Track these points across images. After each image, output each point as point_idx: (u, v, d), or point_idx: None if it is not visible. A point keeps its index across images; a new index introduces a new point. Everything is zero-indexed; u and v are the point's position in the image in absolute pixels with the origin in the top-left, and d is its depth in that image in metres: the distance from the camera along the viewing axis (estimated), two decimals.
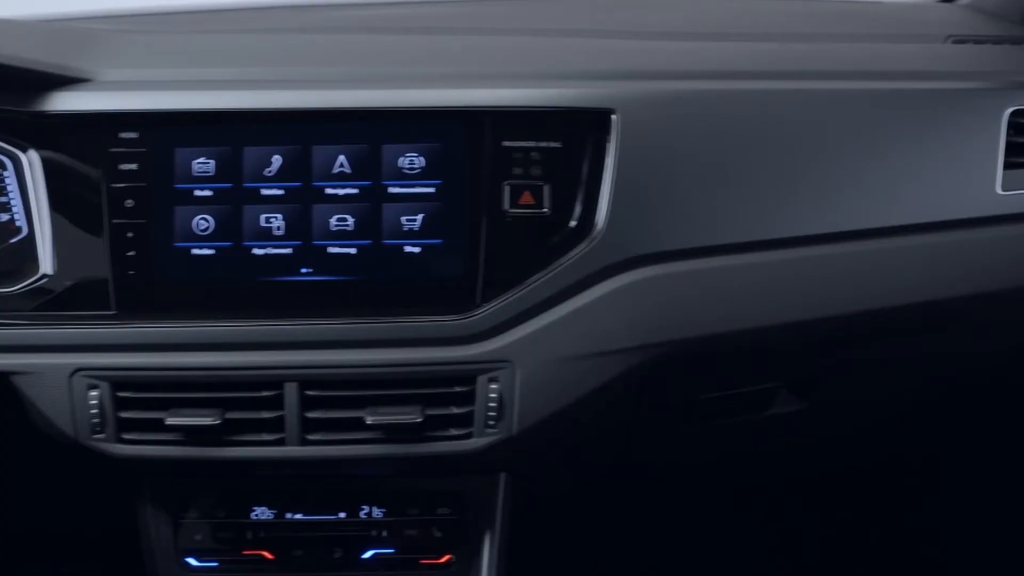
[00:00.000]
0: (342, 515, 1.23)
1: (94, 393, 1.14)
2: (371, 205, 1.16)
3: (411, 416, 1.12)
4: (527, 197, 1.15)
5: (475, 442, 1.14)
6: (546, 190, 1.15)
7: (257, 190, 1.16)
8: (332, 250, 1.16)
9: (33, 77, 1.17)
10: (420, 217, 1.15)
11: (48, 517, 1.49)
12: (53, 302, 1.17)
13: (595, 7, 1.59)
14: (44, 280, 1.18)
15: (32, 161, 1.18)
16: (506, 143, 1.15)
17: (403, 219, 1.15)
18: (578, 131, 1.16)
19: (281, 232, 1.16)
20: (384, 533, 1.23)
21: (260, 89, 1.17)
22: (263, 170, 1.16)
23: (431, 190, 1.15)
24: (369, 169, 1.16)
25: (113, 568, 1.64)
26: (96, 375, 1.14)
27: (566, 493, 1.49)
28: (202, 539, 1.23)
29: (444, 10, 1.60)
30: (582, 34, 1.34)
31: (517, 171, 1.15)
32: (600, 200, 1.15)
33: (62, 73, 1.18)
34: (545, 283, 1.14)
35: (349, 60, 1.23)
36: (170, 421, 1.12)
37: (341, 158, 1.16)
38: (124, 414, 1.15)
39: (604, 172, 1.15)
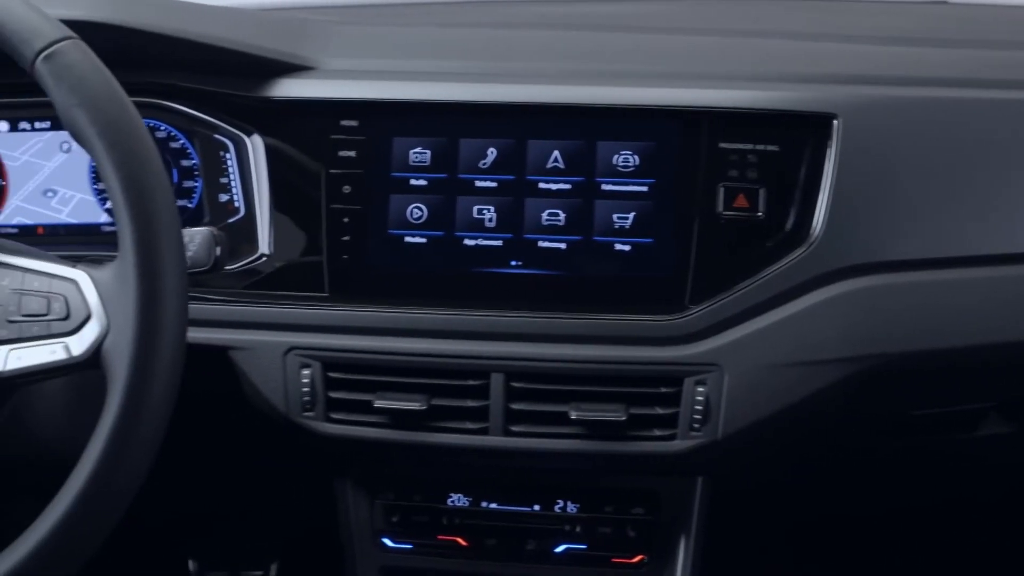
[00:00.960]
0: (536, 508, 1.24)
1: (306, 372, 1.17)
2: (583, 201, 1.16)
3: (615, 414, 1.12)
4: (741, 200, 1.14)
5: (678, 444, 1.13)
6: (761, 194, 1.13)
7: (471, 182, 1.17)
8: (542, 244, 1.16)
9: (261, 64, 1.21)
10: (632, 215, 1.15)
11: (246, 489, 1.54)
12: (270, 282, 1.21)
13: (786, 9, 1.57)
14: (262, 260, 1.22)
15: (255, 145, 1.22)
16: (723, 144, 1.14)
17: (615, 217, 1.15)
18: (798, 135, 1.14)
19: (493, 224, 1.17)
20: (577, 528, 1.23)
21: (478, 82, 1.18)
22: (478, 162, 1.17)
23: (644, 189, 1.15)
24: (583, 165, 1.16)
25: (301, 546, 1.70)
26: (309, 354, 1.18)
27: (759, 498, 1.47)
28: (398, 521, 1.25)
29: (647, 8, 1.59)
30: (792, 36, 1.31)
31: (732, 173, 1.14)
32: (817, 206, 1.13)
33: (289, 61, 1.21)
34: (757, 288, 1.12)
35: (565, 56, 1.24)
36: (378, 403, 1.15)
37: (555, 153, 1.16)
38: (334, 394, 1.17)
39: (823, 178, 1.13)
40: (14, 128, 1.32)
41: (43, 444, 1.11)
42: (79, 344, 0.91)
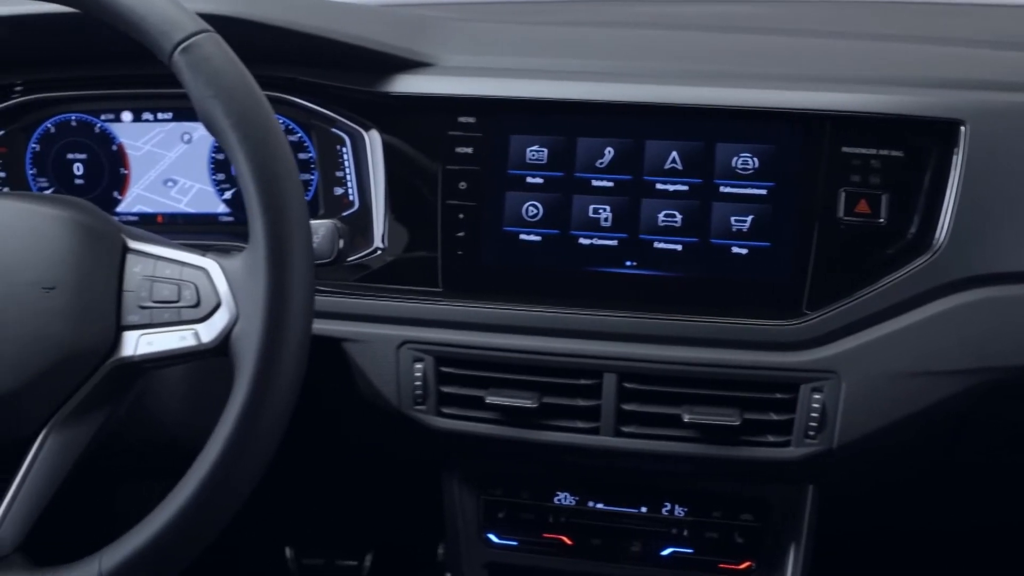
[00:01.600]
0: (643, 509, 1.23)
1: (419, 366, 1.18)
2: (701, 203, 1.15)
3: (729, 418, 1.11)
4: (863, 205, 1.12)
5: (792, 451, 1.12)
6: (884, 199, 1.11)
7: (588, 181, 1.17)
8: (658, 245, 1.16)
9: (381, 59, 1.22)
10: (750, 218, 1.14)
11: (349, 479, 1.56)
12: (383, 275, 1.22)
13: (895, 12, 1.54)
14: (377, 254, 1.23)
15: (373, 140, 1.24)
16: (845, 149, 1.12)
17: (732, 219, 1.14)
18: (923, 141, 1.12)
19: (608, 224, 1.17)
20: (684, 532, 1.22)
21: (596, 81, 1.18)
22: (595, 161, 1.17)
23: (763, 192, 1.14)
24: (701, 167, 1.15)
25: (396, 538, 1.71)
26: (422, 349, 1.19)
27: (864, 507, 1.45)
28: (504, 517, 1.26)
29: (759, 10, 1.58)
30: (911, 39, 1.29)
31: (855, 178, 1.12)
32: (941, 214, 1.11)
33: (409, 57, 1.22)
34: (877, 295, 1.11)
35: (685, 56, 1.23)
36: (490, 400, 1.15)
37: (674, 154, 1.15)
38: (445, 389, 1.18)
39: (947, 185, 1.11)
40: (137, 119, 1.35)
41: (162, 429, 1.14)
42: (209, 331, 0.92)
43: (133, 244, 0.98)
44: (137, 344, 0.94)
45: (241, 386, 0.90)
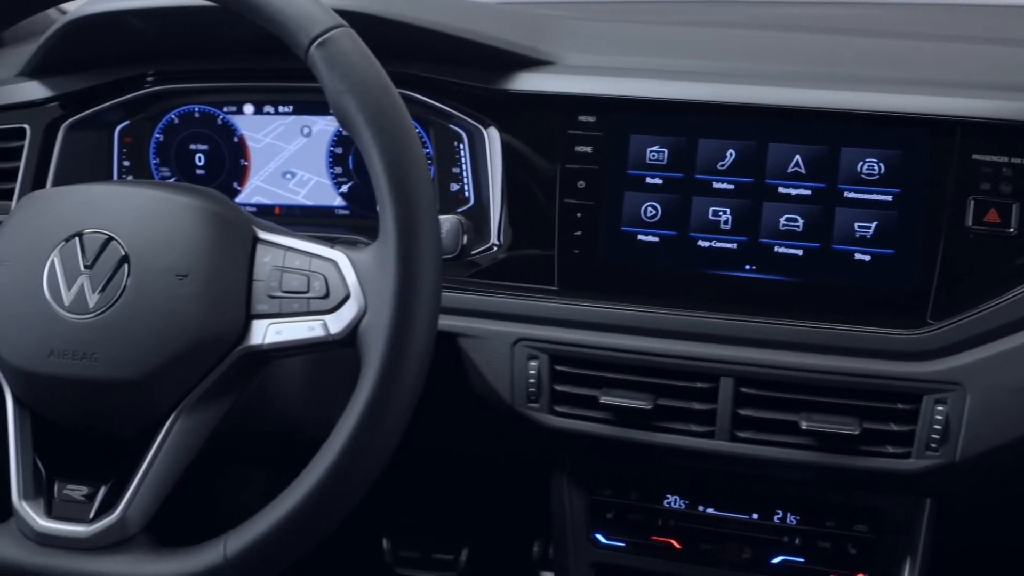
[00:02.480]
0: (754, 516, 1.22)
1: (533, 364, 1.18)
2: (823, 208, 1.13)
3: (848, 427, 1.09)
4: (993, 215, 1.09)
5: (912, 463, 1.10)
6: (1015, 209, 1.09)
7: (708, 183, 1.16)
8: (779, 250, 1.14)
9: (503, 56, 1.22)
10: (874, 225, 1.12)
11: (453, 473, 1.57)
12: (499, 272, 1.23)
13: (1015, 17, 1.50)
14: (493, 250, 1.23)
15: (492, 137, 1.24)
16: (976, 156, 1.10)
17: (856, 225, 1.12)
18: None
19: (728, 227, 1.16)
20: (796, 541, 1.21)
21: (718, 82, 1.17)
22: (716, 163, 1.16)
23: (888, 198, 1.12)
24: (825, 171, 1.13)
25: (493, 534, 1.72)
26: (537, 347, 1.19)
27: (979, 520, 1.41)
28: (613, 518, 1.25)
29: (875, 12, 1.55)
30: None
31: (984, 186, 1.09)
32: None
33: (529, 55, 1.23)
34: (1005, 307, 1.08)
35: (807, 58, 1.21)
36: (604, 400, 1.15)
37: (797, 158, 1.14)
38: (559, 387, 1.18)
39: None
40: (259, 111, 1.37)
41: (277, 417, 1.15)
42: (337, 323, 0.93)
43: (263, 235, 1.00)
44: (266, 333, 0.96)
45: (368, 378, 0.91)
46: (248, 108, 1.38)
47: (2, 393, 1.01)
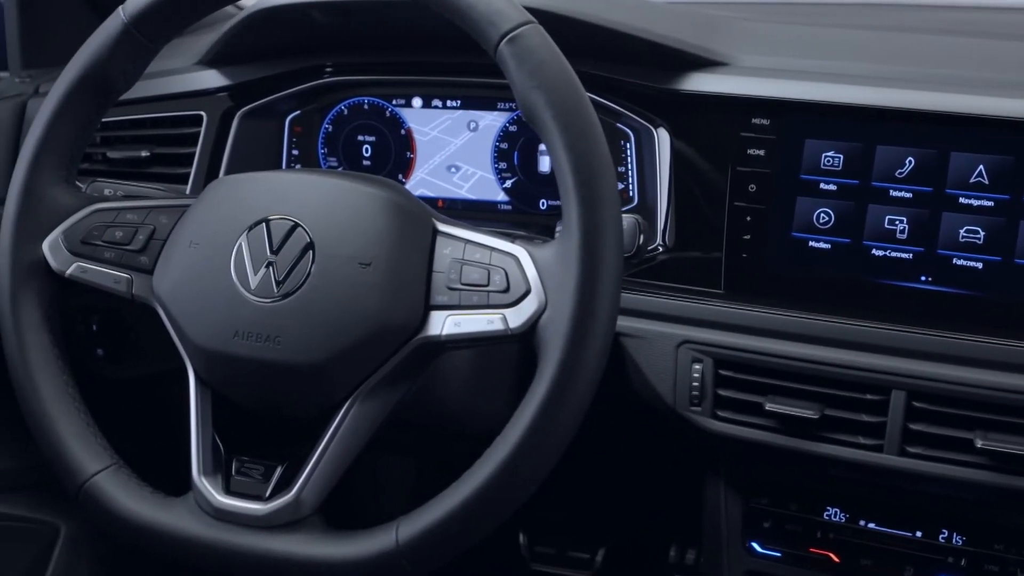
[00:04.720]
0: (918, 534, 1.19)
1: (697, 367, 1.17)
2: (1007, 220, 1.09)
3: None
4: None
5: None
6: None
7: (885, 191, 1.13)
8: (957, 262, 1.11)
9: (676, 56, 1.21)
10: None
11: (598, 472, 1.56)
12: (664, 273, 1.22)
13: None
14: (659, 251, 1.23)
15: (661, 137, 1.23)
16: None
17: None
18: None
19: (904, 236, 1.13)
20: (962, 562, 1.17)
21: (898, 87, 1.14)
22: (894, 171, 1.13)
23: None
24: (1011, 182, 1.09)
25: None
26: (702, 350, 1.18)
27: None
28: (770, 527, 1.24)
29: None
30: None
31: None
32: None
33: (704, 55, 1.22)
34: None
35: (988, 64, 1.18)
36: (769, 407, 1.13)
37: (980, 167, 1.10)
38: (723, 392, 1.17)
39: None
40: (427, 105, 1.39)
41: (441, 407, 1.16)
42: (517, 317, 0.94)
43: (443, 227, 1.01)
44: (444, 324, 0.97)
45: (545, 374, 0.91)
46: (416, 101, 1.39)
47: (185, 372, 1.05)
